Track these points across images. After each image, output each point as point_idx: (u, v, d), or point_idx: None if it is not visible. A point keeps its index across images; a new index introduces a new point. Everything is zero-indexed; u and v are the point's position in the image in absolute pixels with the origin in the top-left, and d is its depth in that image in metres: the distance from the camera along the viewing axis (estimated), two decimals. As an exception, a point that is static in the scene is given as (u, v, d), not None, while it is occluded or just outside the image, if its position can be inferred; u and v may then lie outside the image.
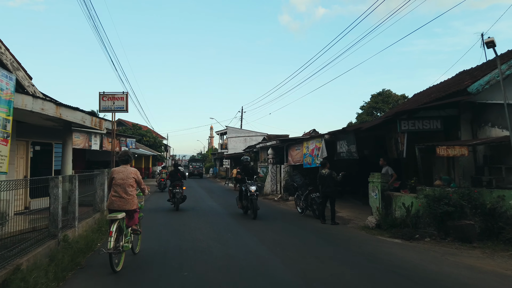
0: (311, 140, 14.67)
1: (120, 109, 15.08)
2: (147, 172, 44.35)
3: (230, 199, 17.79)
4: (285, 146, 18.27)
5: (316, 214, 11.19)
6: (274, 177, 20.02)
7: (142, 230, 7.30)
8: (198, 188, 26.13)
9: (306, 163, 15.28)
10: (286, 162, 18.24)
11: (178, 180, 13.28)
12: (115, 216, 5.82)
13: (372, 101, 33.27)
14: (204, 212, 12.85)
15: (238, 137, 45.06)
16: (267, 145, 20.54)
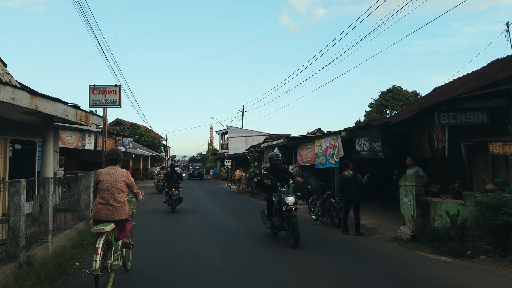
0: (324, 137, 13.18)
1: (112, 103, 13.60)
2: (145, 173, 42.85)
3: (234, 204, 16.29)
4: (293, 145, 16.79)
5: (335, 222, 9.71)
6: (280, 179, 18.52)
7: (134, 242, 5.89)
8: (199, 190, 24.63)
9: (318, 164, 13.79)
10: (294, 162, 16.76)
11: (174, 181, 12.98)
12: (101, 229, 4.69)
13: (382, 98, 31.66)
14: (206, 219, 11.36)
15: (239, 137, 43.65)
16: (272, 144, 19.05)
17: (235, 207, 14.81)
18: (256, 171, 22.09)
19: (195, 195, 21.16)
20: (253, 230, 9.40)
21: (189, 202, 17.00)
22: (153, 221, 10.99)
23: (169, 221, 10.92)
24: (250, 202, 17.29)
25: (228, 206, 15.13)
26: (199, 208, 14.35)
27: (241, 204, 16.54)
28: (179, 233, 8.96)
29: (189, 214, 12.63)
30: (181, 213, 12.70)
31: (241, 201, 17.77)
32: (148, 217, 11.90)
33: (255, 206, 15.41)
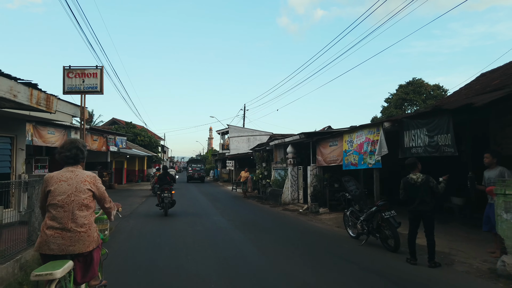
0: (358, 131, 10.52)
1: (92, 89, 10.89)
2: (141, 175, 40.13)
3: (242, 212, 13.60)
4: (312, 142, 14.12)
5: (388, 244, 7.04)
6: (295, 182, 15.86)
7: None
8: (199, 195, 21.92)
9: (347, 164, 11.13)
10: (313, 162, 14.09)
11: (167, 183, 12.44)
12: (49, 274, 2.90)
13: (402, 91, 28.91)
14: (210, 238, 8.66)
15: (241, 136, 41.05)
16: (285, 142, 16.38)
17: (245, 218, 12.13)
18: (264, 173, 19.42)
19: (195, 200, 18.46)
20: (281, 261, 6.67)
21: (188, 209, 14.33)
22: (142, 239, 8.32)
23: (161, 236, 8.23)
24: (261, 210, 14.61)
25: (236, 216, 12.45)
26: (200, 219, 11.66)
27: (251, 212, 13.87)
28: (176, 264, 6.28)
29: (188, 227, 9.95)
30: (178, 226, 10.04)
31: (250, 209, 15.09)
32: (139, 227, 9.26)
33: (268, 216, 12.73)
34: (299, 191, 15.76)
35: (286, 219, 11.98)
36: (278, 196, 16.34)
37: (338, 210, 12.83)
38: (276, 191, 16.92)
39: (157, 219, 11.86)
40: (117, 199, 21.01)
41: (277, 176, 17.70)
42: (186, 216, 12.48)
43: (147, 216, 12.89)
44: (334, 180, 13.12)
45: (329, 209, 12.80)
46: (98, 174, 22.58)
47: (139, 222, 11.51)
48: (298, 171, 15.85)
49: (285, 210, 14.32)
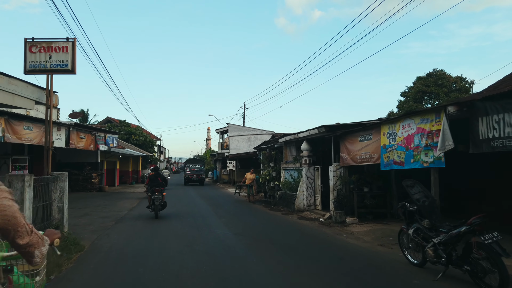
0: (405, 119, 8.13)
1: (61, 67, 8.47)
2: (135, 177, 37.64)
3: (252, 223, 11.18)
4: (333, 137, 11.75)
5: (486, 283, 4.65)
6: (311, 185, 13.48)
7: None
8: (198, 199, 19.48)
9: (389, 163, 8.76)
10: (335, 161, 11.71)
11: (158, 185, 12.09)
12: None
13: (421, 83, 26.48)
14: (216, 266, 6.23)
15: (241, 135, 38.70)
16: (298, 138, 14.00)
17: (256, 230, 9.76)
18: (273, 174, 17.01)
19: (193, 206, 16.04)
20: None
21: (186, 218, 11.95)
22: (116, 273, 5.90)
23: (147, 270, 5.82)
24: (273, 219, 12.22)
25: (245, 228, 10.06)
26: (200, 232, 9.25)
27: (262, 222, 11.49)
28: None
29: (184, 246, 7.54)
30: (172, 244, 7.64)
31: (259, 217, 12.70)
32: (116, 252, 6.87)
33: (284, 227, 10.36)
34: (316, 195, 13.37)
35: (307, 232, 9.59)
36: (291, 201, 13.95)
37: (369, 220, 10.45)
38: (287, 195, 14.54)
39: (146, 231, 9.47)
40: (105, 204, 18.54)
41: (287, 177, 15.31)
42: (183, 227, 10.08)
43: (135, 226, 10.50)
44: (363, 182, 10.76)
45: (358, 219, 10.43)
46: (87, 175, 19.88)
47: (124, 235, 9.12)
48: (314, 172, 13.47)
49: (301, 218, 11.93)
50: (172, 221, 11.43)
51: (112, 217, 12.83)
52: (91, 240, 8.67)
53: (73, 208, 15.77)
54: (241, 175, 34.45)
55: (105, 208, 15.79)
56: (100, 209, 15.38)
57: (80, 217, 12.83)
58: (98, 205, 16.88)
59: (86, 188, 25.32)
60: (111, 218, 12.55)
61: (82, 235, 9.25)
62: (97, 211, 14.49)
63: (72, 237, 7.96)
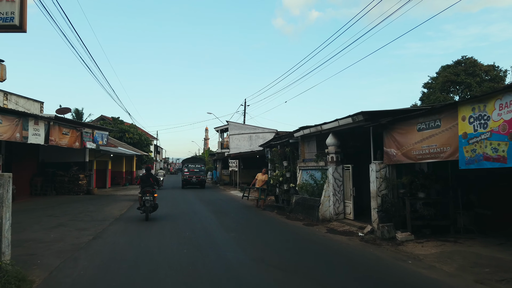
0: (507, 95, 5.53)
1: (5, 22, 5.85)
2: (129, 177, 34.89)
3: (271, 240, 8.41)
4: (372, 128, 9.15)
5: None
6: (339, 189, 10.87)
7: None
8: (198, 204, 16.83)
9: (474, 159, 6.15)
10: (378, 159, 9.10)
11: (149, 186, 11.56)
12: None
13: (449, 72, 23.80)
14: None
15: (242, 134, 36.14)
16: (322, 130, 11.39)
17: (284, 254, 7.12)
18: (286, 175, 14.39)
19: (192, 213, 13.41)
20: None
21: (184, 232, 9.33)
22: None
23: None
24: (296, 232, 9.58)
25: (266, 250, 7.42)
26: (204, 258, 6.61)
27: (283, 238, 8.86)
28: None
29: (187, 272, 4.93)
30: (165, 284, 5.03)
31: (277, 231, 10.06)
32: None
33: (315, 247, 7.72)
34: (346, 201, 10.78)
35: (352, 255, 6.97)
36: (312, 208, 11.35)
37: (427, 236, 7.88)
38: (307, 200, 11.94)
39: (129, 255, 6.85)
40: (89, 210, 14.50)
41: (307, 179, 12.70)
42: (179, 247, 7.46)
43: (116, 244, 7.88)
44: (418, 186, 8.17)
45: (412, 234, 7.83)
46: (73, 176, 16.38)
47: (97, 261, 6.52)
48: (344, 173, 10.87)
49: (331, 232, 9.31)
50: (166, 237, 8.81)
51: (92, 229, 10.25)
52: (49, 269, 6.08)
53: (49, 216, 13.15)
54: (244, 176, 31.89)
55: (88, 215, 13.18)
56: (81, 217, 12.77)
57: (52, 229, 10.24)
58: (80, 211, 14.25)
59: (72, 191, 22.65)
60: (90, 231, 9.94)
61: (41, 259, 6.69)
62: (77, 220, 11.89)
63: (14, 270, 5.35)
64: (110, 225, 10.98)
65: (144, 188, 11.56)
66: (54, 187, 22.80)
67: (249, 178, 33.65)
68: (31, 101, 23.31)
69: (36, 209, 15.18)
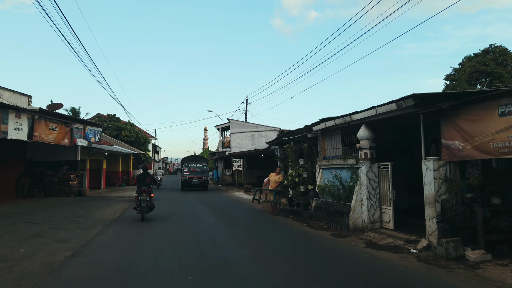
0: None
1: None
2: (125, 178, 32.93)
3: (301, 259, 6.35)
4: (423, 116, 7.26)
5: None
6: (374, 192, 8.98)
7: None
8: (201, 208, 14.92)
9: None
10: (434, 154, 7.19)
11: (146, 185, 11.34)
12: None
13: (477, 62, 21.86)
14: None
15: (244, 132, 34.27)
16: (350, 122, 9.50)
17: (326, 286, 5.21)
18: (303, 175, 12.48)
19: (196, 220, 11.50)
20: None
21: (188, 247, 7.40)
22: None
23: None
24: (330, 249, 7.63)
25: (303, 279, 5.52)
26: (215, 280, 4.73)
27: (318, 259, 6.91)
28: None
29: None
30: None
31: (304, 245, 8.11)
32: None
33: (370, 274, 5.78)
34: (384, 207, 8.88)
35: (420, 285, 5.07)
36: (340, 215, 9.46)
37: (506, 255, 5.99)
38: (332, 205, 10.04)
39: (112, 285, 4.95)
40: (77, 214, 12.30)
41: (331, 179, 10.82)
42: (183, 274, 5.54)
43: (99, 266, 5.95)
44: (493, 189, 6.27)
45: (488, 251, 5.94)
46: (63, 176, 14.25)
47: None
48: (380, 172, 8.99)
49: (371, 246, 7.42)
50: (164, 253, 6.91)
51: (74, 240, 8.40)
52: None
53: (27, 222, 11.19)
54: (248, 176, 30.00)
55: (74, 221, 11.30)
56: (65, 223, 10.89)
57: (25, 240, 8.38)
58: (66, 216, 12.35)
59: (62, 192, 20.70)
60: (71, 243, 8.07)
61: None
62: (59, 228, 10.03)
63: None
64: (98, 234, 9.11)
65: (141, 187, 11.29)
66: (43, 188, 20.86)
67: (252, 178, 31.74)
68: (17, 95, 21.32)
69: (17, 213, 13.25)
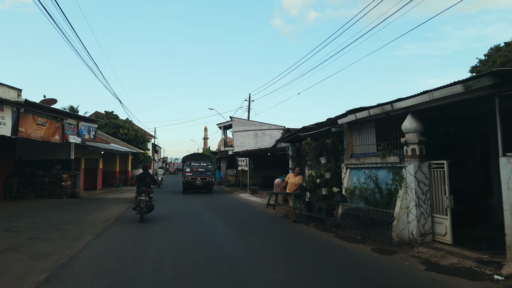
0: None
1: None
2: (123, 178, 31.23)
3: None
4: (499, 99, 5.56)
5: None
6: (425, 197, 7.31)
7: None
8: (206, 214, 13.24)
9: None
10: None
11: (146, 185, 11.19)
12: None
13: (509, 51, 20.03)
14: None
15: (247, 130, 32.64)
16: (392, 111, 7.82)
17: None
18: (326, 176, 10.80)
19: (203, 230, 9.83)
20: None
21: (196, 266, 5.70)
22: None
23: None
24: (380, 272, 5.93)
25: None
26: None
27: (374, 286, 5.28)
28: None
29: None
30: None
31: (344, 266, 6.43)
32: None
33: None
34: (437, 215, 7.20)
35: None
36: (377, 225, 7.79)
37: None
38: (366, 212, 8.36)
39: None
40: (66, 220, 9.20)
41: (362, 180, 9.15)
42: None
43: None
44: None
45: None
46: (55, 176, 12.35)
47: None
48: (431, 173, 7.32)
49: (431, 267, 5.76)
50: (167, 280, 5.23)
51: (54, 256, 6.78)
52: None
53: (6, 231, 9.35)
54: (253, 176, 28.30)
55: (60, 229, 9.69)
56: (49, 232, 9.30)
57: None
58: (53, 223, 10.74)
59: (54, 193, 19.03)
60: (50, 261, 6.43)
61: None
62: (40, 239, 8.44)
63: None
64: (85, 247, 7.47)
65: (140, 187, 11.11)
66: (33, 189, 19.19)
67: (257, 178, 30.04)
68: (5, 88, 19.57)
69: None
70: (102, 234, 9.07)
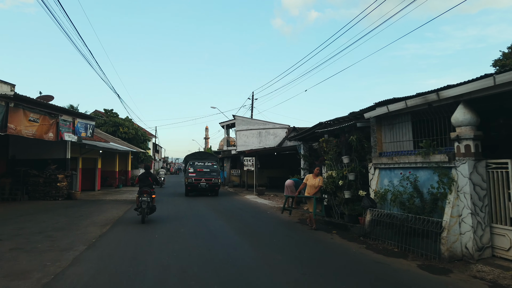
0: None
1: None
2: (123, 178, 30.02)
3: None
4: None
5: None
6: (482, 203, 6.08)
7: None
8: (213, 219, 12.03)
9: None
10: None
11: (148, 186, 10.99)
12: None
13: None
14: None
15: (250, 129, 31.43)
16: (438, 99, 6.59)
17: None
18: (349, 177, 9.56)
19: (212, 239, 8.61)
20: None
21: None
22: None
23: None
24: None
25: None
26: None
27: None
28: None
29: None
30: None
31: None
32: None
33: None
34: (497, 225, 5.98)
35: None
36: (420, 236, 6.56)
37: None
38: (404, 220, 7.13)
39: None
40: (58, 226, 6.35)
41: (396, 182, 7.92)
42: None
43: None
44: None
45: None
46: (50, 177, 10.68)
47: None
48: (490, 175, 6.09)
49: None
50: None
51: (36, 274, 5.68)
52: None
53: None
54: (260, 177, 27.11)
55: (49, 237, 8.53)
56: (36, 241, 8.12)
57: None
58: (42, 229, 9.56)
59: (49, 195, 17.82)
60: (26, 283, 5.23)
61: None
62: (24, 250, 7.29)
63: None
64: (74, 262, 6.27)
65: (142, 188, 10.92)
66: (27, 190, 17.99)
67: (262, 179, 28.81)
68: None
69: (-20, 224, 10.41)
70: (96, 243, 7.88)
